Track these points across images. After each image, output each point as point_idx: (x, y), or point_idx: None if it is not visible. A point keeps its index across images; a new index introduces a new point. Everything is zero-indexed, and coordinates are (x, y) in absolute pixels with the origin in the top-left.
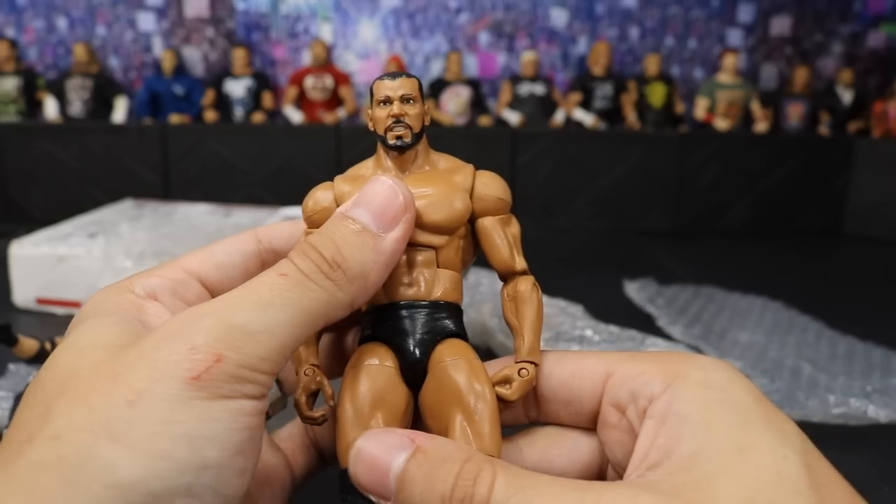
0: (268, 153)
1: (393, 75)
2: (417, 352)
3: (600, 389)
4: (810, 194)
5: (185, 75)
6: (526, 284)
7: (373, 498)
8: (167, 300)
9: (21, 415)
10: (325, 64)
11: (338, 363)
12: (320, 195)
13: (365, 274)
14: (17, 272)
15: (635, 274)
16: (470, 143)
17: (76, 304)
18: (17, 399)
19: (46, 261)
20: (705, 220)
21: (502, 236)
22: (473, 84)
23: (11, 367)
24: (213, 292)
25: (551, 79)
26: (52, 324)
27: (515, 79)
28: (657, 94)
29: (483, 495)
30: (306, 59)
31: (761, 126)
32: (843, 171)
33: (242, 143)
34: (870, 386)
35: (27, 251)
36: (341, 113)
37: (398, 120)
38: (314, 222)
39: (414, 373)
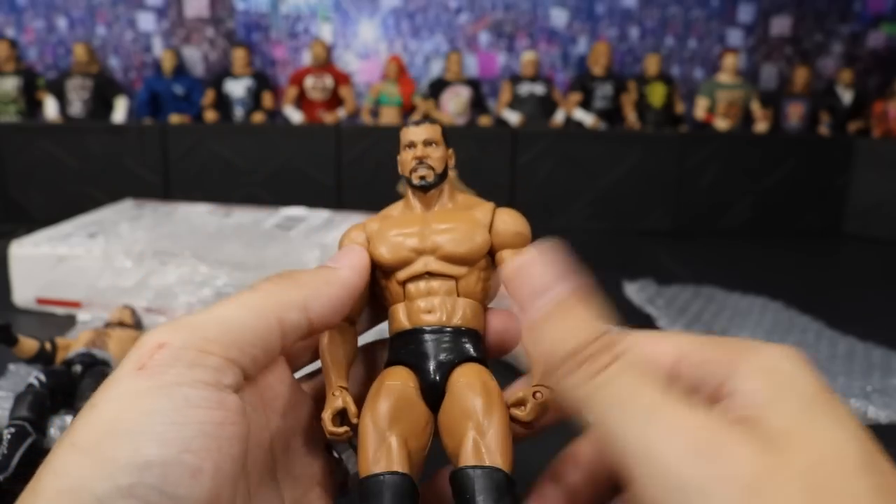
0: (268, 153)
1: (417, 122)
2: (437, 374)
3: (668, 374)
4: (810, 194)
5: (185, 75)
6: None
7: (512, 303)
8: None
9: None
10: (325, 64)
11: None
12: (355, 234)
13: (315, 286)
14: (17, 272)
15: (635, 274)
16: (470, 143)
17: (76, 304)
18: (17, 399)
19: (46, 261)
20: (705, 220)
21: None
22: (473, 84)
23: (11, 367)
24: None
25: (551, 79)
26: (52, 324)
27: (515, 79)
28: (657, 94)
29: (603, 364)
30: (306, 59)
31: (761, 126)
32: (843, 171)
33: (242, 143)
34: (870, 386)
35: (27, 251)
36: (341, 113)
37: (421, 161)
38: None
39: (434, 394)
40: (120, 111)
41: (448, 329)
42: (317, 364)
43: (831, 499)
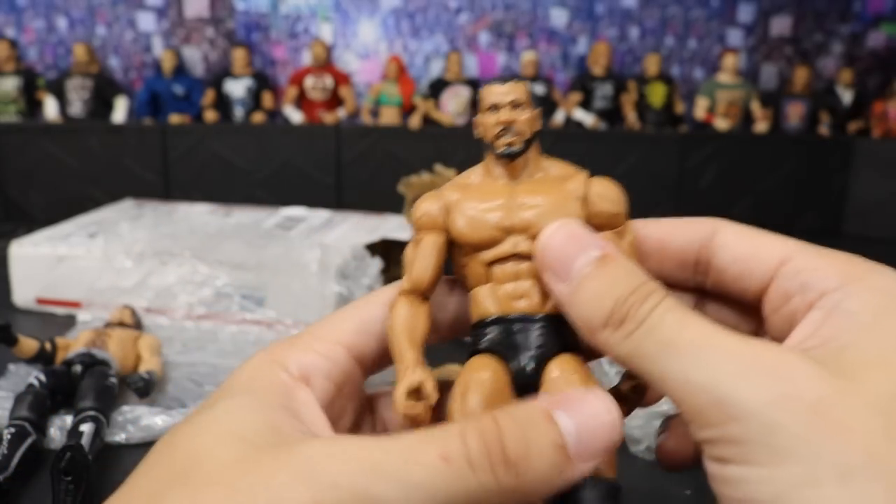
0: (268, 153)
1: (503, 79)
2: (530, 366)
3: (772, 273)
4: (810, 194)
5: (185, 75)
6: None
7: (546, 275)
8: (319, 384)
9: (129, 488)
10: (325, 64)
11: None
12: (429, 206)
13: (536, 493)
14: (17, 272)
15: None
16: (470, 143)
17: (76, 304)
18: (17, 399)
19: (46, 261)
20: None
21: (636, 263)
22: (473, 84)
23: (11, 367)
24: (363, 362)
25: (551, 79)
26: (52, 324)
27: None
28: (657, 94)
29: (642, 314)
30: (306, 59)
31: (761, 126)
32: (843, 171)
33: (242, 143)
34: None
35: (27, 251)
36: (341, 113)
37: (507, 127)
38: (422, 225)
39: (525, 387)
40: (120, 111)
41: (541, 316)
42: None
43: None
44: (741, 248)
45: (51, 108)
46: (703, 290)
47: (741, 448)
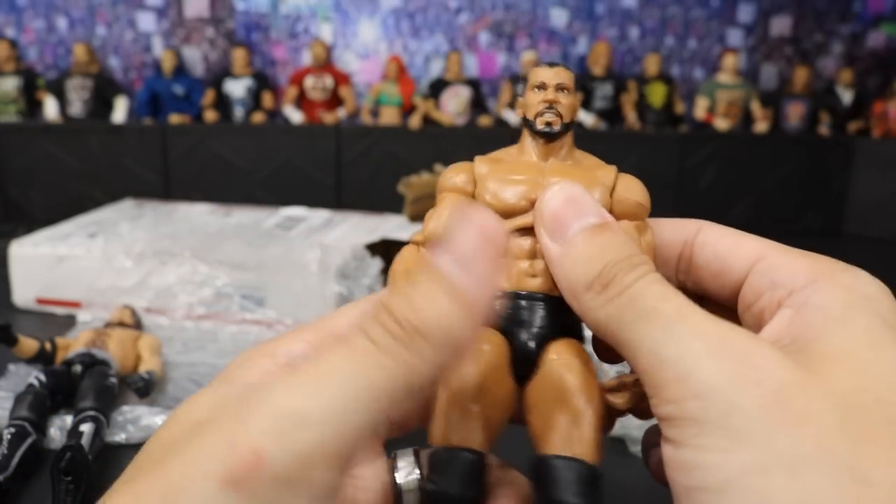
0: (268, 153)
1: (551, 64)
2: (532, 345)
3: (746, 270)
4: (810, 194)
5: (185, 75)
6: None
7: (542, 232)
8: None
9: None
10: (325, 64)
11: None
12: (456, 174)
13: (452, 339)
14: (17, 272)
15: None
16: (470, 143)
17: (76, 304)
18: (17, 399)
19: (46, 261)
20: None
21: (636, 242)
22: (473, 84)
23: (11, 367)
24: None
25: None
26: (52, 324)
27: (515, 79)
28: (657, 94)
29: (627, 282)
30: (306, 59)
31: (761, 126)
32: (843, 171)
33: (242, 143)
34: None
35: (27, 251)
36: (341, 113)
37: (550, 106)
38: (447, 189)
39: (524, 365)
40: (120, 111)
41: (551, 297)
42: None
43: (870, 426)
44: (720, 246)
45: (51, 108)
46: (685, 289)
47: (697, 428)
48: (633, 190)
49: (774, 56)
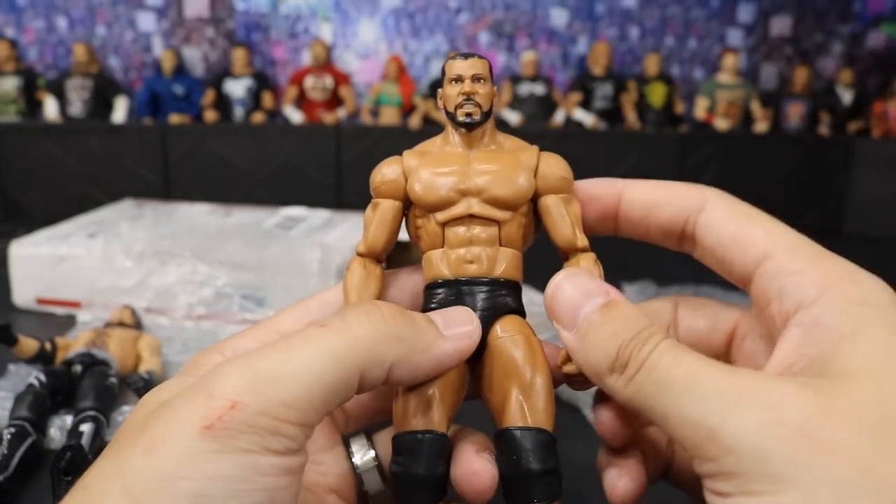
0: (268, 153)
1: (465, 55)
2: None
3: (753, 267)
4: (810, 194)
5: (185, 75)
6: (588, 260)
7: (555, 325)
8: None
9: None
10: (325, 64)
11: None
12: (388, 170)
13: (411, 346)
14: (17, 272)
15: (634, 276)
16: None
17: (76, 304)
18: (17, 399)
19: (46, 261)
20: None
21: (564, 214)
22: None
23: (11, 367)
24: None
25: (551, 79)
26: (52, 324)
27: (515, 79)
28: (657, 94)
29: (642, 357)
30: (306, 59)
31: (761, 126)
32: (843, 171)
33: (242, 143)
34: None
35: (27, 251)
36: (341, 113)
37: (468, 98)
38: (381, 193)
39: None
40: (120, 111)
41: (489, 280)
42: None
43: None
44: (725, 232)
45: (51, 108)
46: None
47: (738, 480)
48: (554, 166)
49: (774, 56)
